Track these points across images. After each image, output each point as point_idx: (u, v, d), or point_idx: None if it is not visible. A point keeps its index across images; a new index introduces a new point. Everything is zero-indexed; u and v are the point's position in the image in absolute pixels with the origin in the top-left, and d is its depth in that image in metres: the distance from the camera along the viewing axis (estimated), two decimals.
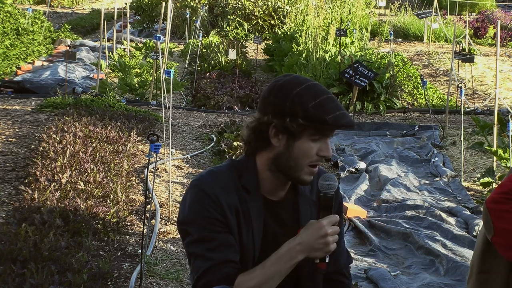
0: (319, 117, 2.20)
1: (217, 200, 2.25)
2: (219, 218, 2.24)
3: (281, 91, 2.25)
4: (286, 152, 2.26)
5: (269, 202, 2.34)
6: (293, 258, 2.21)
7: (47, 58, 14.36)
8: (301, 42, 12.95)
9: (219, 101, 10.84)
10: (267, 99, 2.28)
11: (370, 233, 5.61)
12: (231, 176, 2.30)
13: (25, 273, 3.98)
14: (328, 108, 2.21)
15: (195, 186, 2.29)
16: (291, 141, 2.24)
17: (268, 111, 2.26)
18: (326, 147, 2.27)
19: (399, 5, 20.07)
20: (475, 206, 6.32)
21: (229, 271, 2.21)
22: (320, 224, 2.21)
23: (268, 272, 2.21)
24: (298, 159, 2.25)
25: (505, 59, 15.12)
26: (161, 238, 5.16)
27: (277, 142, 2.26)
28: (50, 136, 6.90)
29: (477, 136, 8.65)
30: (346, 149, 8.43)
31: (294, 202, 2.38)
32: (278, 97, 2.25)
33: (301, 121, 2.20)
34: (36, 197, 5.24)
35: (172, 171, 6.89)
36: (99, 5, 23.62)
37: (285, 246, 2.23)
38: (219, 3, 18.58)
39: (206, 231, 2.24)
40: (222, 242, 2.23)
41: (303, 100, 2.21)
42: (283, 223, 2.33)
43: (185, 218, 2.29)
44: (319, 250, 2.21)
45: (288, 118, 2.21)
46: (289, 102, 2.22)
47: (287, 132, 2.23)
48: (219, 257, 2.22)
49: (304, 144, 2.24)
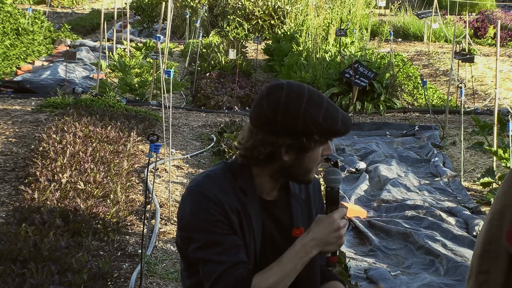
0: (332, 128, 2.24)
1: (219, 202, 2.23)
2: (223, 220, 2.23)
3: (288, 111, 2.23)
4: (297, 164, 2.28)
5: (265, 202, 2.34)
6: (307, 254, 2.23)
7: (47, 58, 14.36)
8: (301, 42, 12.95)
9: (219, 101, 10.84)
10: (273, 120, 2.24)
11: (370, 233, 5.61)
12: (227, 178, 2.29)
13: (25, 273, 3.98)
14: (334, 117, 2.25)
15: (193, 192, 2.27)
16: (302, 154, 2.27)
17: (279, 132, 2.24)
18: (329, 148, 2.31)
19: (399, 5, 20.07)
20: (475, 206, 6.32)
21: (243, 272, 2.21)
22: (332, 218, 2.24)
23: (285, 269, 2.22)
24: (308, 166, 2.29)
25: (505, 59, 15.12)
26: (161, 238, 5.16)
27: (287, 157, 2.27)
28: (50, 136, 6.90)
29: (477, 136, 8.65)
30: (346, 149, 8.43)
31: (287, 201, 2.39)
32: (287, 117, 2.23)
33: (317, 137, 2.24)
34: (36, 197, 5.24)
35: (172, 171, 6.89)
36: (99, 5, 23.62)
37: (299, 243, 2.24)
38: (219, 3, 18.58)
39: (213, 235, 2.22)
40: (230, 244, 2.22)
41: (313, 115, 2.22)
42: (278, 222, 2.33)
43: (188, 225, 2.26)
44: (333, 244, 2.24)
45: (304, 138, 2.23)
46: (300, 122, 2.22)
47: (301, 149, 2.26)
48: (230, 259, 2.20)
49: (315, 153, 2.28)
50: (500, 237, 2.51)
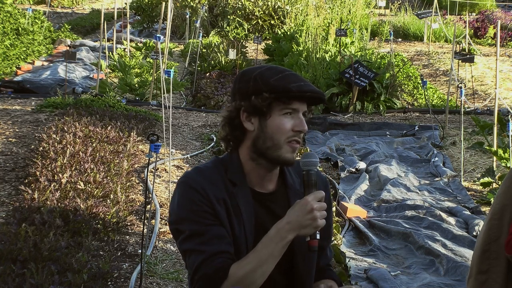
0: (283, 86, 2.25)
1: (205, 194, 2.26)
2: (209, 211, 2.25)
3: (243, 76, 2.33)
4: (261, 133, 2.29)
5: (258, 194, 2.35)
6: (283, 238, 2.22)
7: (47, 58, 14.36)
8: (301, 42, 12.95)
9: (219, 101, 10.84)
10: (233, 89, 2.35)
11: (370, 233, 5.61)
12: (217, 171, 2.33)
13: (25, 273, 3.98)
14: (291, 80, 2.28)
15: (182, 183, 2.32)
16: (263, 120, 2.29)
17: (235, 98, 2.33)
18: (300, 122, 2.30)
19: (399, 5, 20.06)
20: (475, 206, 6.32)
21: (223, 261, 2.22)
22: (305, 200, 2.23)
23: (261, 256, 2.22)
24: (274, 137, 2.28)
25: (505, 59, 15.12)
26: (161, 238, 5.16)
27: (251, 126, 2.30)
28: (50, 136, 6.90)
29: (477, 136, 8.65)
30: (346, 149, 8.43)
31: (284, 194, 2.39)
32: (241, 81, 2.32)
33: (266, 94, 2.26)
34: (36, 197, 5.24)
35: (172, 171, 6.89)
36: (99, 5, 23.61)
37: (274, 228, 2.25)
38: (219, 3, 18.57)
39: (197, 225, 2.25)
40: (214, 234, 2.24)
41: (265, 76, 2.28)
42: (274, 215, 2.32)
43: (175, 217, 2.30)
44: (308, 227, 2.22)
45: (253, 96, 2.27)
46: (252, 82, 2.29)
47: (257, 112, 2.28)
48: (211, 249, 2.23)
49: (276, 120, 2.28)
50: (499, 236, 2.51)
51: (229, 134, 2.34)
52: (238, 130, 2.32)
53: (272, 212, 2.35)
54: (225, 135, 2.35)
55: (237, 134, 2.33)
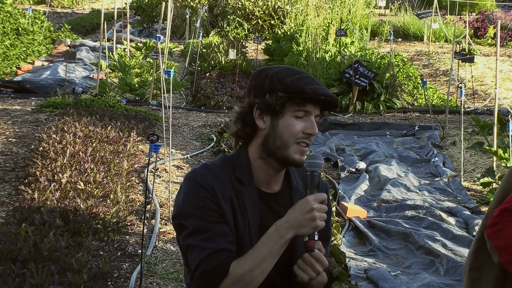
0: (298, 87, 2.26)
1: (212, 191, 2.26)
2: (214, 208, 2.26)
3: (261, 73, 2.34)
4: (272, 132, 2.30)
5: (264, 194, 2.35)
6: (282, 237, 2.23)
7: (47, 58, 14.36)
8: (301, 42, 12.95)
9: (219, 101, 10.84)
10: (249, 86, 2.36)
11: (370, 233, 5.61)
12: (225, 169, 2.33)
13: (25, 273, 3.98)
14: (307, 82, 2.28)
15: (189, 179, 2.32)
16: (275, 119, 2.29)
17: (250, 94, 2.33)
18: (311, 125, 2.30)
19: (399, 5, 20.06)
20: (475, 206, 6.32)
21: (224, 259, 2.22)
22: (306, 199, 2.24)
23: (260, 254, 2.22)
24: (284, 137, 2.29)
25: (505, 59, 15.12)
26: (161, 238, 5.16)
27: (263, 124, 2.31)
28: (50, 136, 6.90)
29: (477, 136, 8.65)
30: (346, 149, 8.43)
31: (289, 196, 2.40)
32: (258, 79, 2.33)
33: (280, 93, 2.26)
34: (36, 197, 5.24)
35: (172, 171, 6.90)
36: (99, 5, 23.61)
37: (273, 226, 2.25)
38: (219, 3, 18.57)
39: (201, 222, 2.25)
40: (217, 232, 2.25)
41: (281, 76, 2.29)
42: (277, 216, 2.32)
43: (180, 212, 2.31)
44: (306, 226, 2.22)
45: (267, 94, 2.27)
46: (268, 80, 2.29)
47: (270, 111, 2.28)
48: (214, 246, 2.23)
49: (288, 121, 2.28)
50: None
51: (240, 130, 2.35)
52: (249, 127, 2.33)
53: (276, 212, 2.35)
54: (236, 130, 2.36)
55: (248, 130, 2.33)
